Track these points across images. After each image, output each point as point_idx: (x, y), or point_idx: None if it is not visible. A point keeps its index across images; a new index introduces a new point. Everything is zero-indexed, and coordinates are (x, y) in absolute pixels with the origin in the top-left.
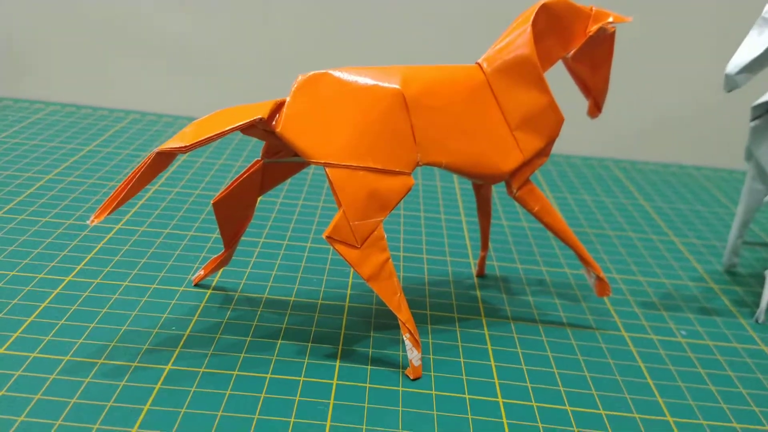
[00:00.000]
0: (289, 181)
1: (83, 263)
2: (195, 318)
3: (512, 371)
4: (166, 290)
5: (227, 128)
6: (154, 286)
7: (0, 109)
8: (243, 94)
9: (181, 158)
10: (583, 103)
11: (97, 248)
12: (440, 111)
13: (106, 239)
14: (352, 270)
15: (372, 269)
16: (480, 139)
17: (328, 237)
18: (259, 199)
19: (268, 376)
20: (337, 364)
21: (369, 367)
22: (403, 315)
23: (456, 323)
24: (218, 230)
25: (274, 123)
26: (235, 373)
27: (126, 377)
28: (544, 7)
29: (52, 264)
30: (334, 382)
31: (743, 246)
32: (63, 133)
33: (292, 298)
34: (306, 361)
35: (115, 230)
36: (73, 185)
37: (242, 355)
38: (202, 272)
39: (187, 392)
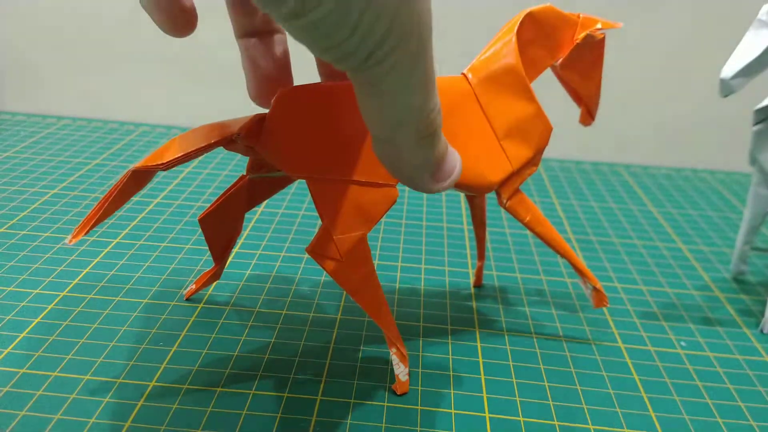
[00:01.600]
0: (293, 190)
1: (78, 278)
2: (183, 333)
3: (502, 385)
4: (158, 305)
5: (203, 144)
6: (146, 301)
7: (12, 125)
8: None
9: (182, 171)
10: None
11: (93, 263)
12: None
13: (102, 254)
14: (342, 295)
15: (355, 283)
16: (466, 150)
17: (310, 251)
18: (245, 214)
19: (252, 392)
20: (323, 379)
21: (355, 381)
22: (389, 330)
23: (449, 335)
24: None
25: (253, 139)
26: (219, 389)
27: (110, 393)
28: (529, 16)
29: (48, 279)
30: (318, 398)
31: (754, 253)
32: (71, 147)
33: (284, 311)
34: (291, 376)
35: (112, 245)
36: (77, 200)
37: (227, 371)
38: (193, 287)
39: (169, 409)
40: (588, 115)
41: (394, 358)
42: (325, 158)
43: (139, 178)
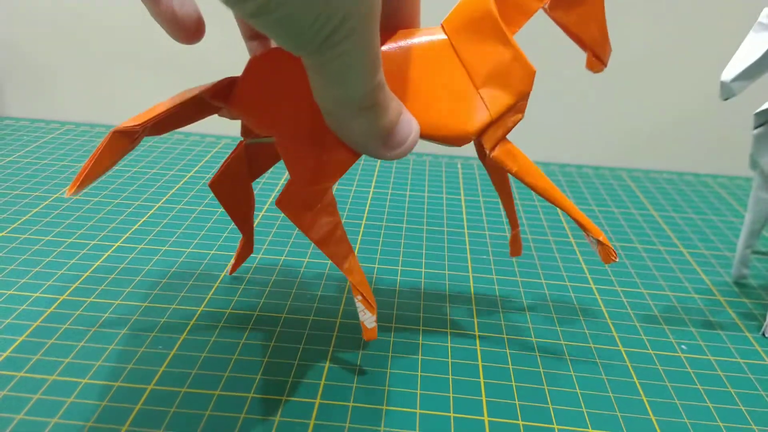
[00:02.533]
0: None
1: (78, 282)
2: (183, 336)
3: (501, 388)
4: (157, 308)
5: (177, 102)
6: (146, 304)
7: (15, 130)
8: None
9: (185, 175)
10: (593, 112)
11: (94, 267)
12: (394, 76)
13: (103, 258)
14: (347, 286)
15: (321, 234)
16: (441, 101)
17: (277, 203)
18: (252, 183)
19: (250, 395)
20: (322, 382)
21: (354, 385)
22: (355, 277)
23: (448, 338)
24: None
25: (222, 99)
26: (217, 393)
27: (108, 397)
28: None
29: (48, 283)
30: (317, 401)
31: (755, 257)
32: (74, 152)
33: (284, 315)
34: (290, 380)
35: (113, 248)
36: (79, 203)
37: (226, 374)
38: (232, 261)
39: (167, 413)
40: (597, 60)
41: (360, 305)
42: (292, 115)
43: (120, 140)
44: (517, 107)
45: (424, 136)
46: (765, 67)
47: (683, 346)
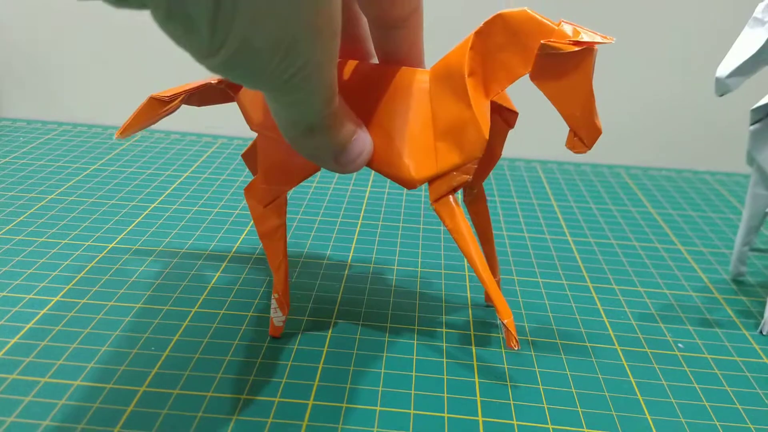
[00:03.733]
0: (304, 205)
1: (72, 283)
2: (176, 338)
3: (496, 388)
4: (150, 309)
5: (197, 84)
6: (139, 305)
7: (12, 131)
8: None
9: (181, 174)
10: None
11: (88, 267)
12: (364, 106)
13: (97, 259)
14: (338, 297)
15: (267, 229)
16: (400, 140)
17: (245, 191)
18: None
19: (243, 397)
20: (316, 383)
21: (348, 386)
22: (279, 276)
23: (443, 338)
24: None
25: (235, 89)
26: (209, 394)
27: (100, 399)
28: (500, 18)
29: (42, 285)
30: (310, 402)
31: (753, 254)
32: (70, 152)
33: None
34: (283, 381)
35: (107, 249)
36: (74, 204)
37: (219, 375)
38: None
39: (158, 414)
40: (578, 141)
41: (274, 303)
42: (273, 121)
43: (154, 106)
44: (464, 168)
45: (375, 168)
46: (760, 63)
47: (680, 345)
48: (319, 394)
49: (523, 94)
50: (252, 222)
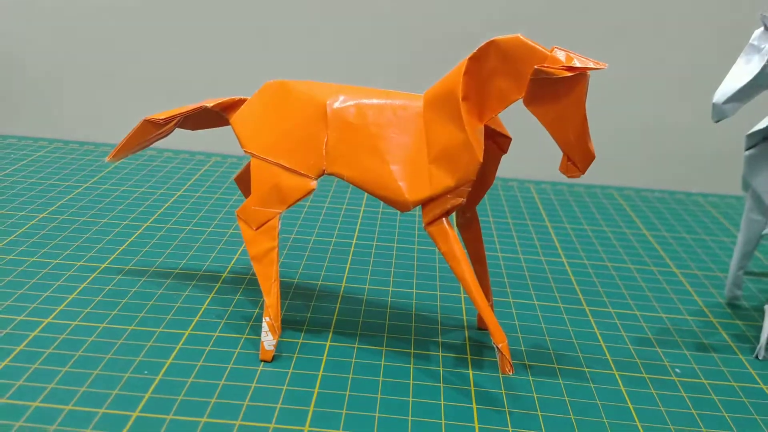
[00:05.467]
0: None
1: (63, 304)
2: (169, 361)
3: (494, 415)
4: (143, 332)
5: (193, 107)
6: (132, 327)
7: (2, 147)
8: None
9: (176, 189)
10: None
11: (80, 288)
12: (359, 129)
13: (89, 279)
14: (333, 319)
15: (258, 251)
16: (395, 163)
17: (237, 213)
18: None
19: (237, 423)
20: (311, 409)
21: (344, 411)
22: (271, 300)
23: (440, 362)
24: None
25: (229, 112)
26: (204, 420)
27: (92, 424)
28: (493, 44)
29: (33, 306)
30: (305, 429)
31: (748, 277)
32: (62, 170)
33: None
34: (278, 406)
35: (99, 269)
36: (65, 224)
37: (213, 400)
38: None
39: None
40: (571, 165)
41: (265, 326)
42: (268, 141)
43: (147, 128)
44: (458, 191)
45: (364, 188)
46: (756, 89)
47: (677, 370)
48: (315, 420)
49: (517, 113)
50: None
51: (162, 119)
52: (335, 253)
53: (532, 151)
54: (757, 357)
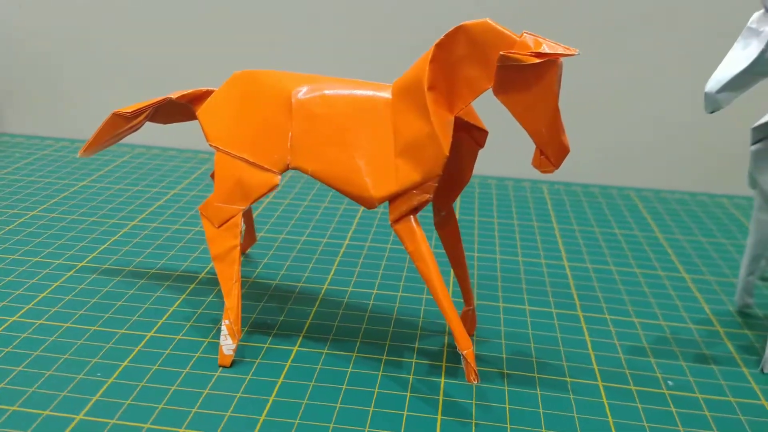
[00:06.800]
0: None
1: (32, 303)
2: (125, 364)
3: (458, 427)
4: (105, 332)
5: (158, 99)
6: (95, 328)
7: (10, 146)
8: None
9: (160, 193)
10: (595, 127)
11: (52, 287)
12: (324, 121)
13: (64, 278)
14: (307, 323)
15: (220, 250)
16: (360, 157)
17: (200, 209)
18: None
19: (180, 430)
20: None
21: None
22: (231, 302)
23: (411, 370)
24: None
25: (196, 103)
26: (147, 426)
27: (32, 427)
28: (461, 30)
29: (3, 303)
30: None
31: (762, 284)
32: (62, 168)
33: (236, 343)
34: (227, 414)
35: (77, 268)
36: (54, 221)
37: (160, 406)
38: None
39: None
40: (545, 159)
41: (225, 330)
42: (232, 134)
43: (116, 121)
44: (424, 187)
45: (329, 183)
46: (754, 77)
47: (669, 382)
48: (263, 430)
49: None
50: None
51: (130, 112)
52: (323, 254)
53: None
54: (762, 370)
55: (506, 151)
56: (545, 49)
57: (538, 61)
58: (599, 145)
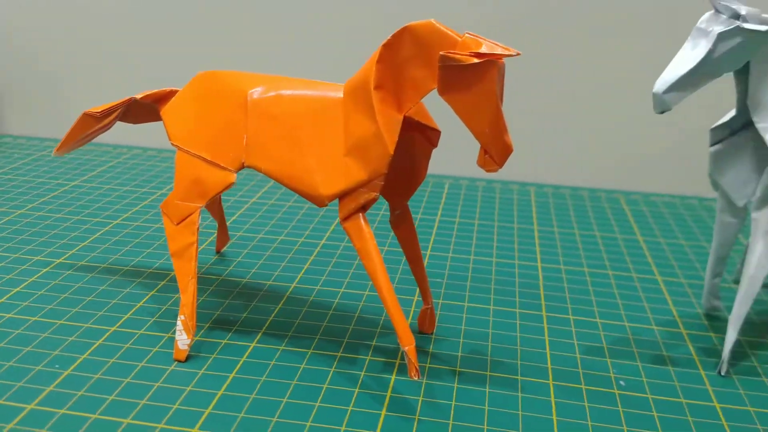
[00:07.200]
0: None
1: (5, 297)
2: (84, 357)
3: (400, 422)
4: (70, 326)
5: (123, 100)
6: (61, 321)
7: (11, 147)
8: None
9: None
10: (587, 130)
11: (27, 283)
12: (278, 120)
13: (40, 273)
14: (268, 319)
15: (178, 247)
16: (311, 156)
17: (161, 207)
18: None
19: (126, 421)
20: (198, 425)
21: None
22: (187, 298)
23: (364, 366)
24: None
25: (160, 103)
26: (94, 417)
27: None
28: (406, 30)
29: None
30: None
31: (730, 286)
32: (57, 169)
33: (196, 338)
34: (162, 424)
35: (53, 264)
36: (39, 219)
37: (111, 397)
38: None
39: None
40: (489, 158)
41: (180, 325)
42: (192, 133)
43: (87, 121)
44: (370, 185)
45: (281, 182)
46: (702, 77)
47: (622, 382)
48: (207, 423)
49: (519, 117)
50: (208, 240)
51: (99, 112)
52: (298, 253)
53: (537, 155)
54: (719, 373)
55: None
56: (484, 49)
57: (476, 61)
58: (589, 149)
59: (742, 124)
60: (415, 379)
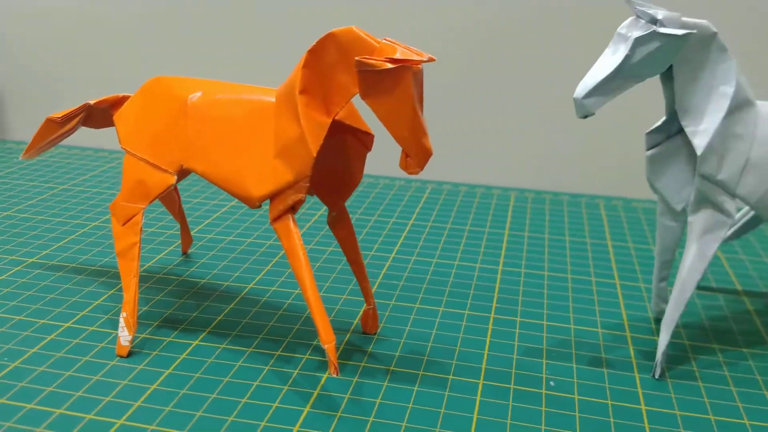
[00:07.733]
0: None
1: None
2: (32, 351)
3: (321, 418)
4: (27, 322)
5: (81, 105)
6: (19, 317)
7: (13, 152)
8: None
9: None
10: (576, 138)
11: None
12: (214, 124)
13: (9, 273)
14: (217, 318)
15: (123, 247)
16: (244, 158)
17: (110, 208)
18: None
19: (58, 411)
20: (120, 422)
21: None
22: (128, 296)
23: (299, 365)
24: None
25: (114, 108)
26: (29, 406)
27: None
28: (330, 36)
29: None
30: None
31: (697, 292)
32: (50, 173)
33: (169, 338)
34: (91, 415)
35: (25, 263)
36: (22, 221)
37: (49, 389)
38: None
39: None
40: (410, 161)
41: (122, 322)
42: (137, 136)
43: (50, 127)
44: (296, 187)
45: (217, 184)
46: (622, 81)
47: (551, 383)
48: (134, 415)
49: (507, 123)
50: (174, 242)
51: (59, 118)
52: (262, 255)
53: (519, 160)
54: (653, 376)
55: (482, 158)
56: (398, 55)
57: (390, 66)
58: (568, 154)
59: (678, 128)
60: (334, 376)
